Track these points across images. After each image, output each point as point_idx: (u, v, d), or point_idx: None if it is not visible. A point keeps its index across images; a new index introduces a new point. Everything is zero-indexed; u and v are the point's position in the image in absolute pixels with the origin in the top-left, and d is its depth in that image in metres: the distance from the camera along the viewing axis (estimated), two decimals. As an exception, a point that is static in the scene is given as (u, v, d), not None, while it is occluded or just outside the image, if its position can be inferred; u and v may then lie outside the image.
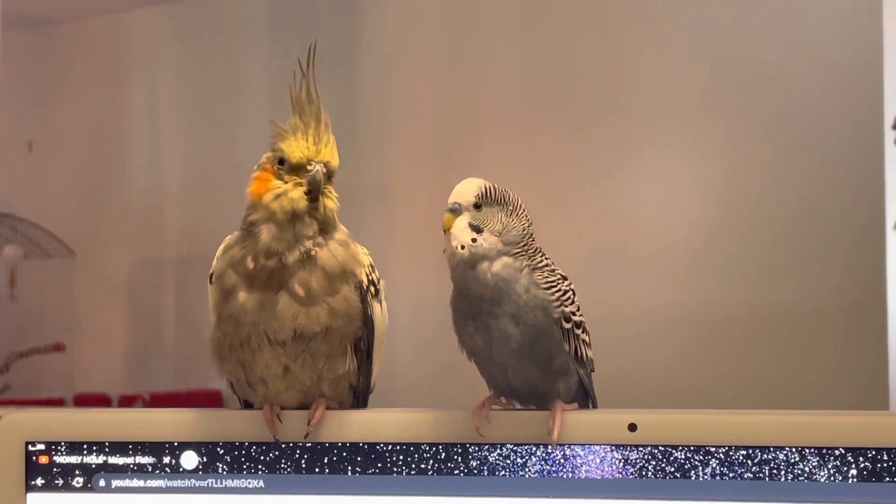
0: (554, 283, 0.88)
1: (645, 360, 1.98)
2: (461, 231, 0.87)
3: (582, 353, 0.90)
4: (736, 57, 1.99)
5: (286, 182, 0.89)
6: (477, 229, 0.87)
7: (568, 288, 0.89)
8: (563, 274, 0.90)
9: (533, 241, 0.90)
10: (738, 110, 1.99)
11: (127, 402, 2.48)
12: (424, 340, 2.06)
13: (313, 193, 0.88)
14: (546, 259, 0.90)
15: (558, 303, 0.87)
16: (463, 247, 0.87)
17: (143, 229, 2.74)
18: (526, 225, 0.89)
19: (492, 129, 2.22)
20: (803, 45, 1.93)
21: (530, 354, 0.88)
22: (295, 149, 0.89)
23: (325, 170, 0.89)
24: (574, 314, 0.89)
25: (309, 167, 0.88)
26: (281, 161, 0.90)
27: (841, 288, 1.86)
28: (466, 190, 0.88)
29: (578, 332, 0.90)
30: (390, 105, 2.36)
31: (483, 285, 0.87)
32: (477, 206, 0.88)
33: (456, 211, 0.88)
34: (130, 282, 2.76)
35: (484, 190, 0.88)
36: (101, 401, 2.49)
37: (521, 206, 0.90)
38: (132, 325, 2.78)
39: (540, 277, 0.87)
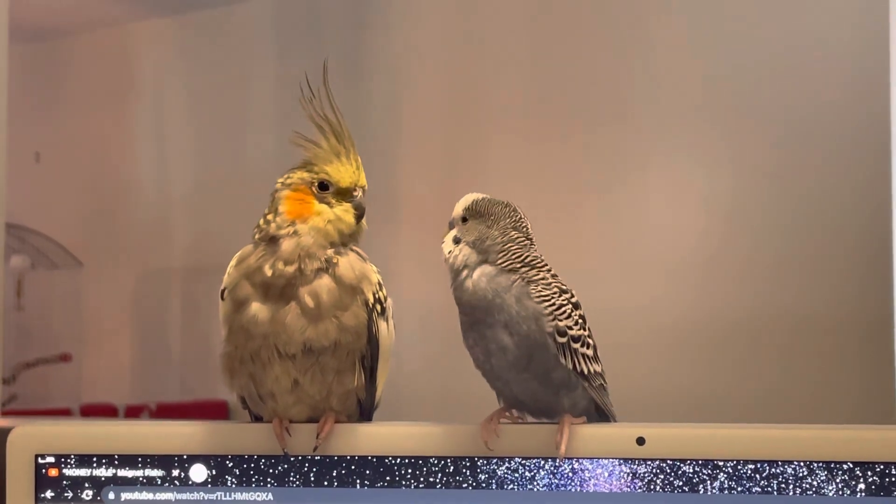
0: (548, 297, 0.88)
1: (650, 371, 1.97)
2: (446, 244, 0.93)
3: (582, 367, 0.90)
4: (741, 66, 1.99)
5: (332, 206, 0.92)
6: (457, 241, 0.92)
7: (565, 302, 0.89)
8: (564, 288, 0.90)
9: (530, 254, 0.91)
10: (744, 120, 1.99)
11: (133, 412, 2.48)
12: (432, 352, 2.06)
13: (360, 217, 0.93)
14: (547, 273, 0.90)
15: (551, 316, 0.88)
16: (445, 259, 0.92)
17: (150, 240, 2.74)
18: (509, 236, 0.91)
19: (499, 140, 2.23)
20: (809, 54, 1.93)
21: (528, 368, 0.88)
22: (344, 175, 0.93)
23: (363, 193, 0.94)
24: (570, 328, 0.89)
25: (354, 192, 0.93)
26: (322, 184, 0.92)
27: (848, 298, 1.86)
28: (459, 204, 0.93)
29: (576, 346, 0.89)
30: (398, 116, 2.36)
31: (470, 294, 0.89)
32: (464, 220, 0.92)
33: (451, 225, 0.93)
34: (137, 292, 2.76)
35: (471, 204, 0.93)
36: (107, 411, 2.49)
37: (506, 218, 0.92)
38: (139, 335, 2.78)
39: (534, 290, 0.88)
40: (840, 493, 0.82)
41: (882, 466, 0.81)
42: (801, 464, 0.82)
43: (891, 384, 1.64)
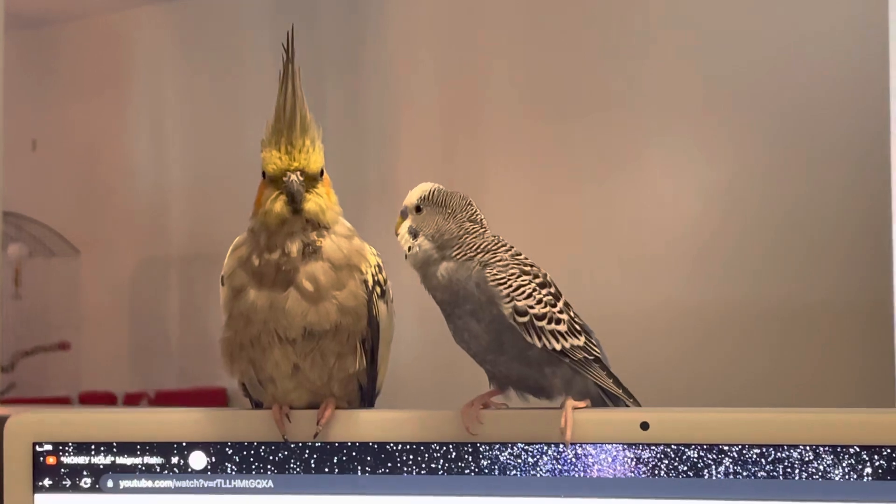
0: (503, 280, 0.87)
1: (650, 358, 1.97)
2: (402, 237, 0.91)
3: (553, 345, 0.88)
4: (740, 56, 1.98)
5: (268, 195, 0.89)
6: (414, 234, 0.90)
7: (526, 282, 0.88)
8: (526, 269, 0.89)
9: (485, 241, 0.90)
10: (742, 109, 1.99)
11: (132, 400, 2.48)
12: (431, 339, 2.05)
13: (294, 203, 0.88)
14: (505, 255, 0.89)
15: (508, 298, 0.87)
16: (405, 255, 0.91)
17: (148, 228, 2.74)
18: (464, 228, 0.90)
19: (496, 129, 2.22)
20: (808, 43, 1.92)
21: (502, 350, 0.88)
22: (268, 162, 0.89)
23: (301, 177, 0.88)
24: (532, 307, 0.87)
25: (284, 178, 0.88)
26: (263, 173, 0.90)
27: (847, 284, 1.85)
28: (412, 193, 0.92)
29: (542, 323, 0.87)
30: (395, 105, 2.35)
31: (437, 288, 0.89)
32: (418, 209, 0.91)
33: (403, 214, 0.92)
34: (135, 280, 2.76)
35: (427, 194, 0.91)
36: (106, 399, 2.49)
37: (462, 210, 0.91)
38: (137, 323, 2.77)
39: (489, 274, 0.87)
40: (846, 477, 0.81)
41: (889, 450, 0.80)
42: (808, 448, 0.82)
43: (891, 371, 1.63)
